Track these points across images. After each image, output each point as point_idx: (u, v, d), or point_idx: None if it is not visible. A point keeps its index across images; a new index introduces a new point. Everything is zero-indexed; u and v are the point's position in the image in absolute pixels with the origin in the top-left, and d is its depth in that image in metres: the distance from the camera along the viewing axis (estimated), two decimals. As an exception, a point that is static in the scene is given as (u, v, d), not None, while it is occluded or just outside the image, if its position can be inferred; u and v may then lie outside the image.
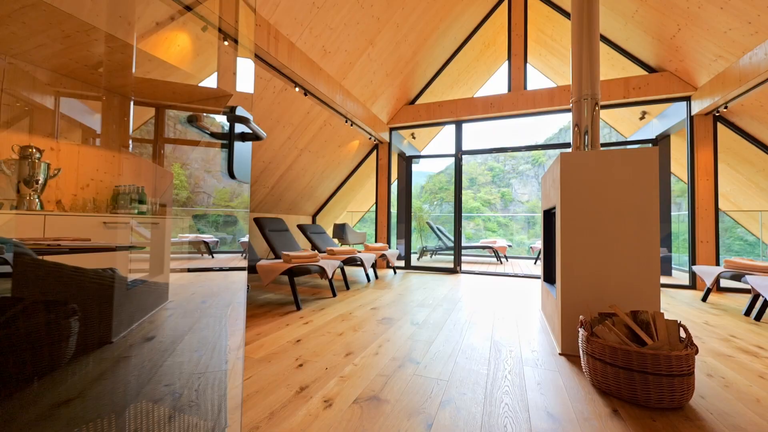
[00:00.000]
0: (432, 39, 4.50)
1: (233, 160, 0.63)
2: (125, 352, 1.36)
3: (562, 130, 23.01)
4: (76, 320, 1.00)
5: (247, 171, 0.71)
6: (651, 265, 1.72)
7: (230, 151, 0.63)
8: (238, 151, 0.65)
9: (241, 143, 0.67)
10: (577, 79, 2.24)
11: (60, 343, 0.92)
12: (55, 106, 2.55)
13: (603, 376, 1.39)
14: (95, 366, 1.12)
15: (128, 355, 1.37)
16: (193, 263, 3.93)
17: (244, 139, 0.67)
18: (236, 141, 0.65)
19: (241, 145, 0.67)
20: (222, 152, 0.64)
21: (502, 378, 1.53)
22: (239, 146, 0.66)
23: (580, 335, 1.53)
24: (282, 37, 2.88)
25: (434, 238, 7.49)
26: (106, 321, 1.13)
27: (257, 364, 1.65)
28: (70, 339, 0.98)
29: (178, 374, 1.56)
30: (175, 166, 3.62)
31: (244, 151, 0.68)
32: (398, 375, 1.55)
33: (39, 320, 0.85)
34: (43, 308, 0.88)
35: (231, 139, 0.62)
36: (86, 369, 1.08)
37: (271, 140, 3.85)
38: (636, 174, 1.77)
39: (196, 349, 1.87)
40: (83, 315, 0.97)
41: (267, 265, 2.84)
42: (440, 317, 2.55)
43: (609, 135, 10.65)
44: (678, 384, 1.26)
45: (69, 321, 1.00)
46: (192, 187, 3.23)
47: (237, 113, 0.63)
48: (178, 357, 1.81)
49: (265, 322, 2.35)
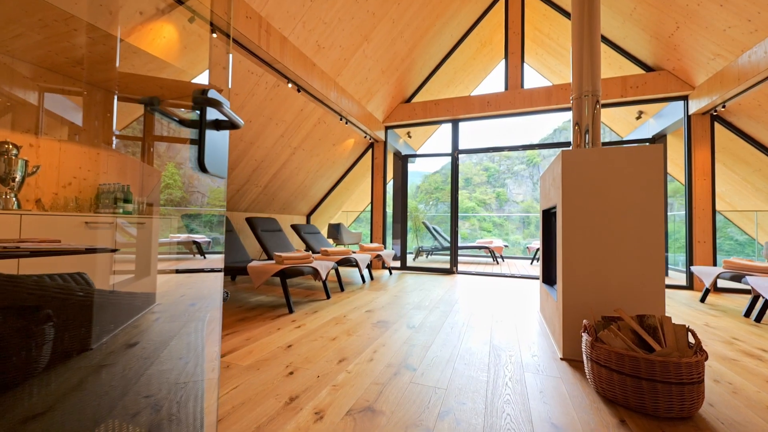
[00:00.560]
0: (428, 36, 4.43)
1: (204, 151, 0.54)
2: (105, 360, 1.26)
3: (556, 130, 23.14)
4: (51, 327, 0.91)
5: (222, 164, 0.62)
6: (655, 266, 1.67)
7: (201, 140, 0.54)
8: (212, 140, 0.57)
9: (215, 132, 0.58)
10: (578, 75, 2.18)
11: (30, 352, 0.83)
12: (38, 101, 2.44)
13: (609, 384, 1.32)
14: (71, 376, 1.02)
15: (108, 363, 1.28)
16: (184, 264, 3.81)
17: (219, 128, 0.59)
18: (209, 129, 0.57)
19: (215, 134, 0.59)
20: (192, 146, 0.56)
21: (503, 386, 1.46)
22: (213, 135, 0.57)
23: (584, 340, 1.46)
24: (274, 31, 2.79)
25: (430, 238, 7.43)
26: (85, 327, 1.04)
27: (245, 372, 1.57)
28: (44, 347, 0.89)
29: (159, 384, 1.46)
30: (170, 166, 3.50)
31: (218, 140, 0.60)
32: (394, 383, 1.47)
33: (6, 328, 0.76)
34: (14, 314, 0.80)
35: (202, 125, 0.54)
36: (61, 379, 0.98)
37: (263, 138, 3.75)
38: (640, 172, 1.71)
39: (182, 356, 1.78)
40: (59, 321, 0.88)
41: (258, 266, 2.74)
42: (437, 320, 2.47)
43: (605, 135, 10.69)
44: (688, 392, 1.19)
45: (43, 328, 0.91)
46: (186, 187, 3.12)
47: (209, 96, 0.55)
48: (162, 365, 1.72)
49: (256, 326, 2.25)
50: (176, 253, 3.67)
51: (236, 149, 3.58)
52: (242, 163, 3.82)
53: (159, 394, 1.37)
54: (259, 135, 3.68)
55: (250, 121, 3.42)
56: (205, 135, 0.55)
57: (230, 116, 0.57)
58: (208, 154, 0.57)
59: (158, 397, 1.34)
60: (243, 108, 3.23)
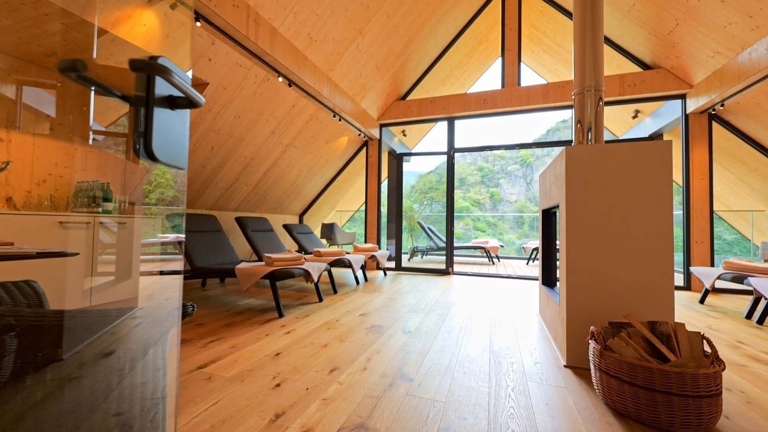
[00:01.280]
0: (424, 31, 4.33)
1: (151, 132, 0.43)
2: (75, 372, 1.13)
3: (549, 131, 23.27)
4: (13, 336, 0.79)
5: (181, 151, 0.51)
6: (664, 269, 1.59)
7: (147, 118, 0.43)
8: (163, 120, 0.46)
9: (168, 112, 0.47)
10: (580, 69, 2.09)
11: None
12: (16, 94, 2.29)
13: (619, 396, 1.23)
14: (33, 392, 0.90)
15: (77, 376, 1.15)
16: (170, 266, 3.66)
17: (175, 106, 0.48)
18: (161, 107, 0.45)
19: (170, 114, 0.47)
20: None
21: (506, 397, 1.37)
22: (164, 115, 0.46)
23: (591, 348, 1.37)
24: (263, 21, 2.66)
25: (425, 238, 7.34)
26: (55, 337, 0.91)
27: (228, 384, 1.44)
28: (5, 359, 0.77)
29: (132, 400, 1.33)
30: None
31: (174, 122, 0.48)
32: (389, 395, 1.36)
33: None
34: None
35: (148, 99, 0.43)
36: (22, 396, 0.86)
37: (253, 135, 3.61)
38: (648, 169, 1.63)
39: (159, 366, 1.65)
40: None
41: (246, 268, 2.61)
42: (434, 324, 2.37)
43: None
44: (706, 406, 1.11)
45: (3, 338, 0.79)
46: (178, 186, 2.96)
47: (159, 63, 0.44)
48: (136, 377, 1.58)
49: (243, 332, 2.13)
50: (161, 254, 3.52)
51: (224, 146, 3.44)
52: (231, 160, 3.68)
53: (130, 412, 1.24)
54: (249, 131, 3.54)
55: (239, 116, 3.29)
56: (152, 112, 0.44)
57: (185, 90, 0.46)
58: (159, 137, 0.45)
59: (129, 416, 1.21)
60: (231, 103, 3.09)
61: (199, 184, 3.61)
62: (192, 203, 3.82)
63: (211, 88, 2.82)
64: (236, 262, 3.23)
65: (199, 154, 3.27)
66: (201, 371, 1.57)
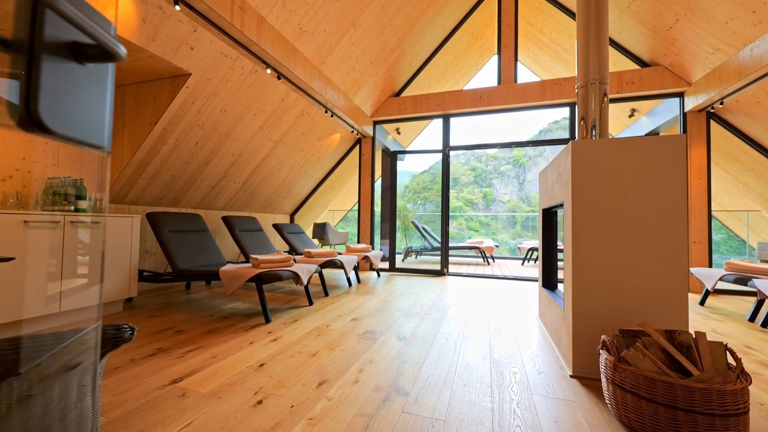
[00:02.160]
0: (419, 26, 4.21)
1: (39, 87, 0.29)
2: (29, 390, 0.97)
3: (542, 131, 23.39)
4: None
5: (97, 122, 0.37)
6: (678, 272, 1.48)
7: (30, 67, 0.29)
8: (63, 72, 0.32)
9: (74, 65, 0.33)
10: (584, 61, 1.99)
11: None
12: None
13: (636, 413, 1.12)
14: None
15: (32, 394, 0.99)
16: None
17: (84, 57, 0.34)
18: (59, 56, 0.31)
19: (76, 69, 0.33)
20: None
21: (511, 414, 1.25)
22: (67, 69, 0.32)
23: (603, 360, 1.26)
24: (249, 8, 2.51)
25: (419, 238, 7.23)
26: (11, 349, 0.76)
27: (204, 401, 1.30)
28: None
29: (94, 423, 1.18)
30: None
31: (85, 80, 0.35)
32: (383, 413, 1.23)
33: None
34: None
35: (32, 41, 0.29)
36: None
37: (240, 130, 3.45)
38: (661, 165, 1.53)
39: (135, 375, 1.50)
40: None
41: (231, 270, 2.46)
42: (430, 329, 2.25)
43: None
44: (734, 426, 1.00)
45: None
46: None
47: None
48: (103, 392, 1.42)
49: (225, 340, 1.98)
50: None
51: (210, 141, 3.27)
52: (217, 157, 3.50)
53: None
54: (236, 126, 3.37)
55: (224, 110, 3.12)
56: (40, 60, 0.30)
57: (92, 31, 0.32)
58: (58, 99, 0.32)
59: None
60: (216, 96, 2.92)
61: (183, 181, 3.43)
62: (176, 202, 3.63)
63: (194, 79, 2.65)
64: (222, 263, 3.06)
65: (182, 149, 3.09)
66: (175, 386, 1.41)
